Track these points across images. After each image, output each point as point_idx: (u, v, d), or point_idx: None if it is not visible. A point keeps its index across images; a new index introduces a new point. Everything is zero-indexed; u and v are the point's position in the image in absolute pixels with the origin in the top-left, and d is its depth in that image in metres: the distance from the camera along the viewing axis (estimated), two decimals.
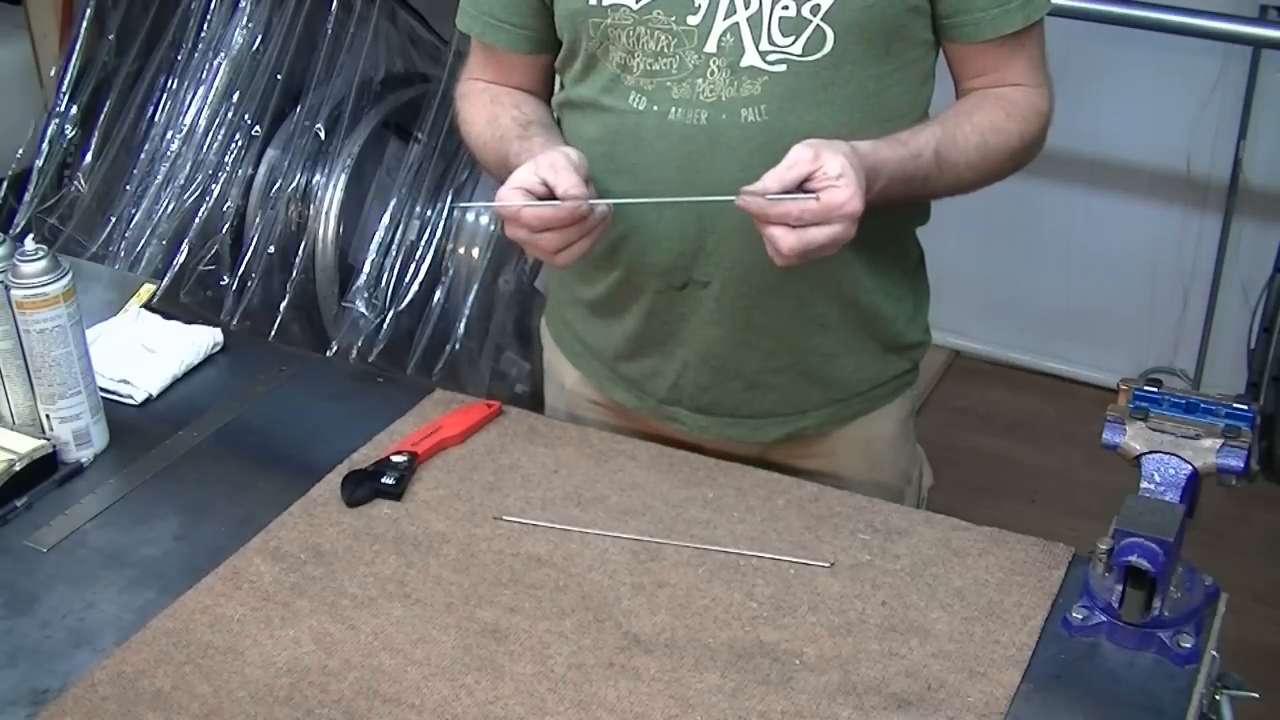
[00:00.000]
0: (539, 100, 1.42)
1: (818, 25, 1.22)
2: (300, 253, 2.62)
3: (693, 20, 1.24)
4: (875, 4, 1.22)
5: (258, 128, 2.68)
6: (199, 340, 1.46)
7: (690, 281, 1.32)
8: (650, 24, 1.26)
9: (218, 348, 1.47)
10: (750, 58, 1.23)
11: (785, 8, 1.22)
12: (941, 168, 1.25)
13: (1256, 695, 1.07)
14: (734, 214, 1.20)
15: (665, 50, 1.26)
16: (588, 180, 1.20)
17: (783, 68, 1.23)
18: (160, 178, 2.70)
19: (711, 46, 1.24)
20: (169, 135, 2.72)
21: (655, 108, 1.27)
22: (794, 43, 1.22)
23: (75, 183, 2.80)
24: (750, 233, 1.23)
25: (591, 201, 1.18)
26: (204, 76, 2.71)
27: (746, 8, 1.23)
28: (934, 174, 1.25)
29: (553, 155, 1.19)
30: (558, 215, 1.16)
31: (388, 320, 2.53)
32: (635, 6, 1.25)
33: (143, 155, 2.74)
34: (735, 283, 1.31)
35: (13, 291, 1.23)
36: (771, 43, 1.23)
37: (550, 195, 1.17)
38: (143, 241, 2.68)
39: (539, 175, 1.17)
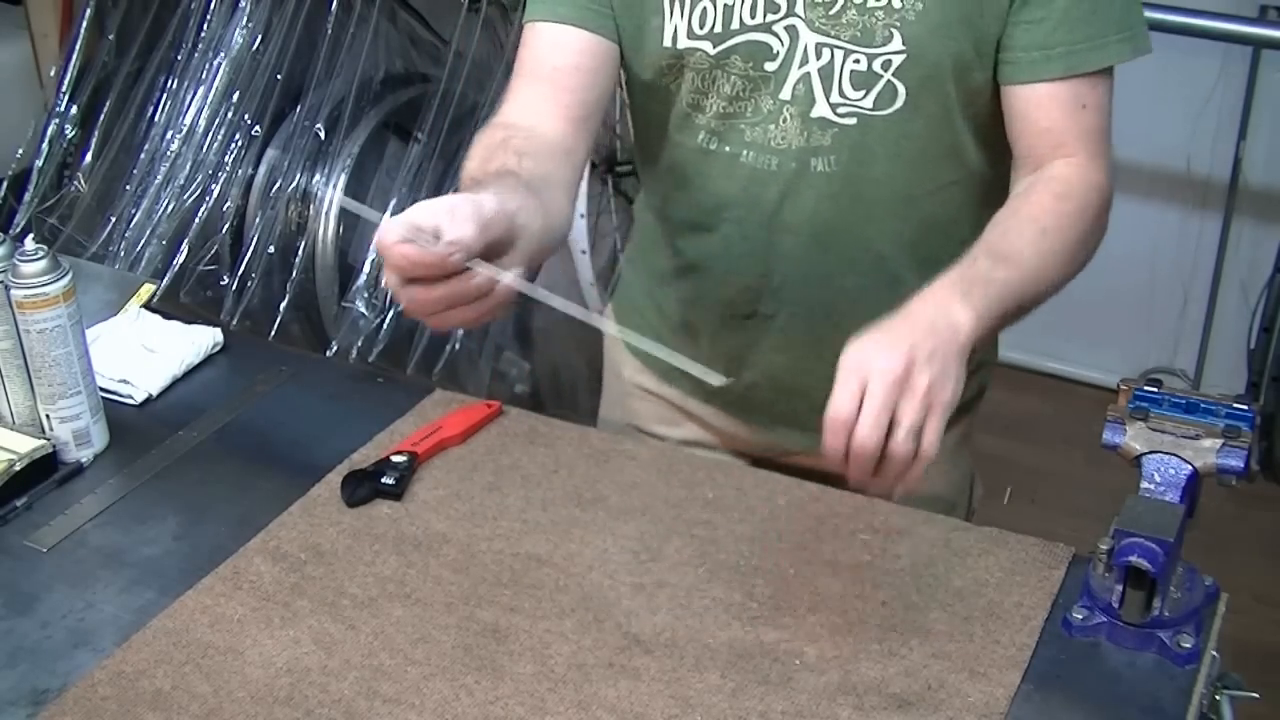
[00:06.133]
0: (565, 154, 1.23)
1: (889, 80, 1.20)
2: (300, 253, 2.63)
3: (770, 66, 1.22)
4: (944, 60, 1.19)
5: (258, 128, 2.68)
6: (199, 340, 1.46)
7: (756, 313, 1.33)
8: (727, 68, 1.24)
9: (218, 348, 1.47)
10: (820, 109, 1.22)
11: (857, 61, 1.20)
12: (1010, 265, 1.13)
13: (1256, 695, 1.07)
14: (799, 253, 1.22)
15: (741, 94, 1.24)
16: (508, 243, 1.00)
17: (853, 120, 1.22)
18: (160, 178, 2.71)
19: (786, 94, 1.22)
20: (169, 135, 2.72)
21: (727, 149, 1.26)
22: (864, 97, 1.21)
23: (75, 183, 2.80)
24: (814, 271, 1.26)
25: (475, 263, 0.95)
26: (204, 76, 2.72)
27: (819, 58, 1.20)
28: (1007, 277, 1.12)
29: (456, 198, 0.98)
30: (425, 261, 0.93)
31: (388, 320, 2.53)
32: (712, 51, 1.23)
33: (143, 155, 2.74)
34: (801, 317, 1.32)
35: (13, 291, 1.23)
36: (842, 95, 1.21)
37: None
38: (143, 241, 2.68)
39: (434, 219, 0.94)
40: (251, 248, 2.64)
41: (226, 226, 2.67)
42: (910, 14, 1.18)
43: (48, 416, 1.28)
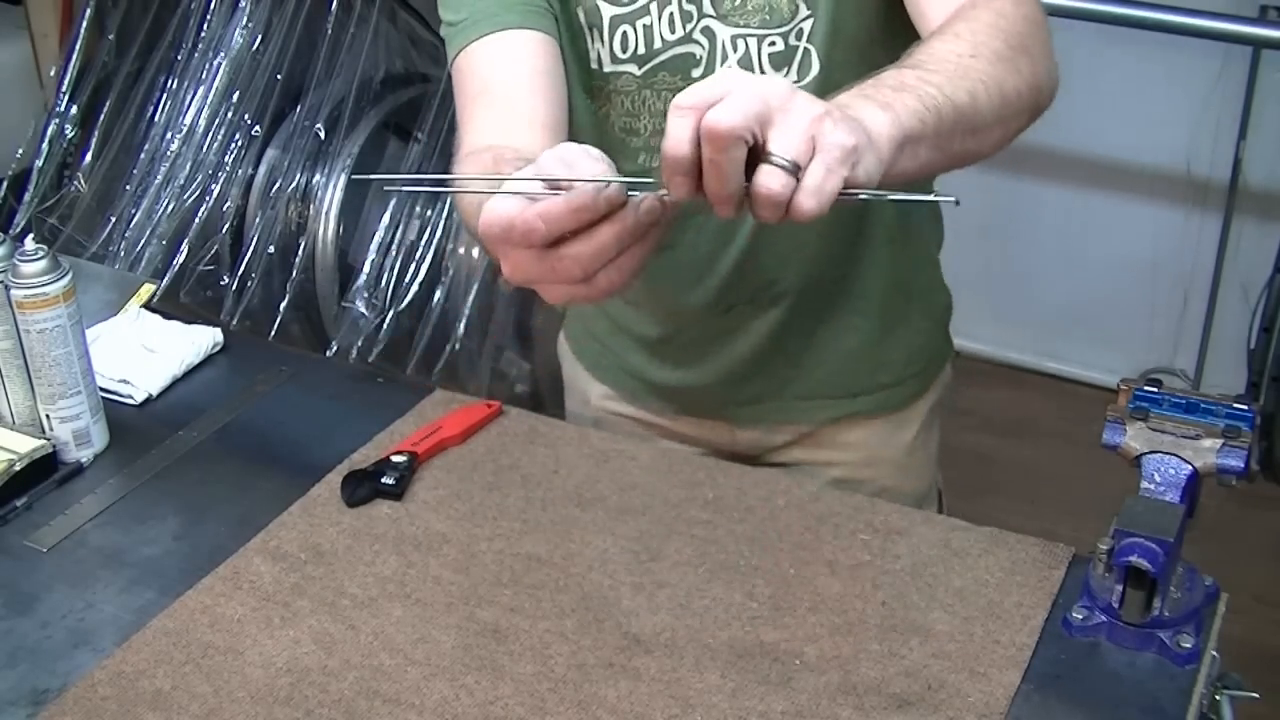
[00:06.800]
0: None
1: (804, 49, 1.20)
2: (300, 253, 2.63)
3: (696, 73, 1.21)
4: (845, 7, 1.18)
5: (258, 128, 2.69)
6: (199, 340, 1.46)
7: (732, 305, 1.33)
8: (655, 86, 1.23)
9: (218, 348, 1.47)
10: None
11: (772, 44, 1.19)
12: (930, 69, 0.95)
13: (1256, 695, 1.07)
14: (760, 244, 1.19)
15: None
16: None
17: None
18: (160, 178, 2.71)
19: None
20: (169, 135, 2.73)
21: None
22: (787, 73, 1.21)
23: (75, 183, 2.80)
24: (778, 257, 1.25)
25: (616, 180, 0.80)
26: (204, 76, 2.72)
27: (735, 51, 1.20)
28: (937, 101, 0.92)
29: (560, 148, 0.85)
30: (578, 203, 0.79)
31: (388, 320, 2.53)
32: (639, 72, 1.22)
33: (143, 155, 2.74)
34: (768, 307, 1.33)
35: (13, 291, 1.23)
36: None
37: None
38: (143, 241, 2.69)
39: (541, 172, 0.83)
40: (251, 248, 2.64)
41: (226, 226, 2.67)
42: None
43: (48, 416, 1.28)
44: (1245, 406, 1.10)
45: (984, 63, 0.98)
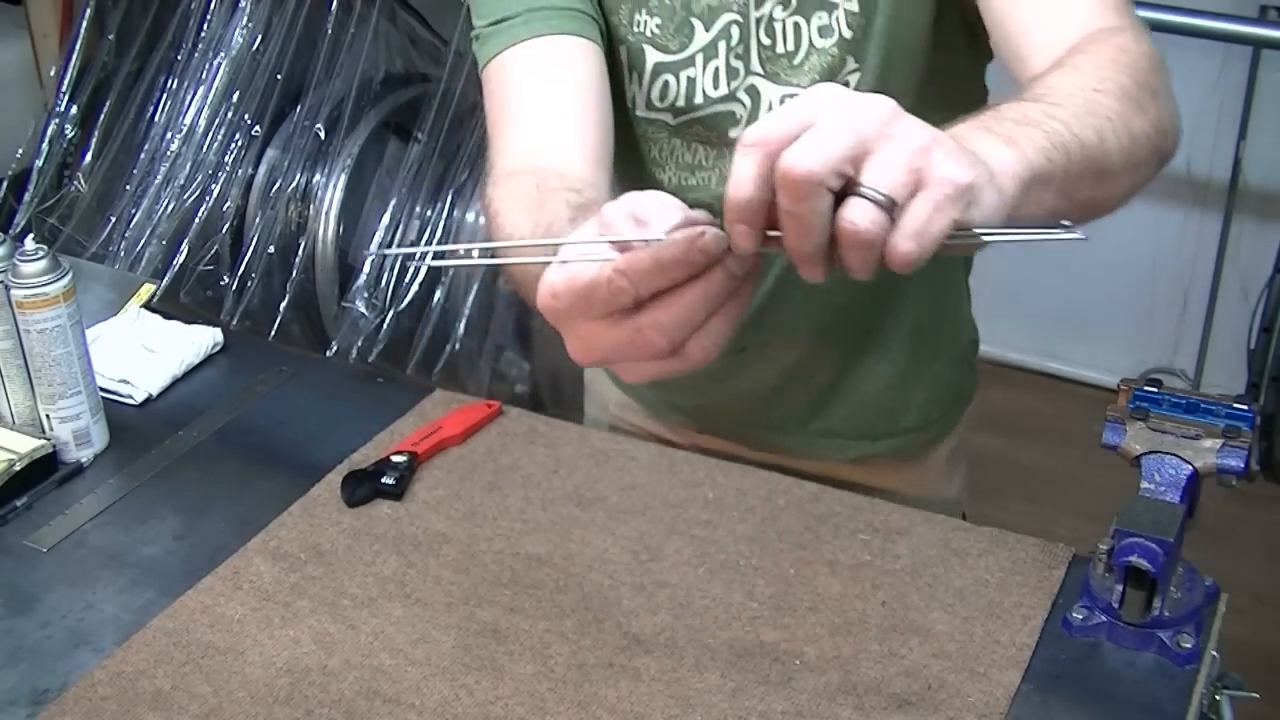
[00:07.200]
0: (606, 180, 1.04)
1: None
2: (300, 253, 2.63)
3: (734, 133, 1.13)
4: (899, 32, 1.07)
5: (258, 128, 2.69)
6: (199, 340, 1.46)
7: (746, 346, 1.28)
8: (687, 137, 1.15)
9: (218, 348, 1.47)
10: None
11: None
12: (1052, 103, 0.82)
13: (1256, 695, 1.07)
14: (797, 282, 1.07)
15: (703, 164, 1.16)
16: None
17: None
18: (160, 178, 2.71)
19: None
20: (169, 135, 2.73)
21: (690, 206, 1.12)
22: None
23: (75, 183, 2.81)
24: (802, 295, 1.18)
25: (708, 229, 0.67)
26: (204, 76, 2.72)
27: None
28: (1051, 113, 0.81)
29: (629, 200, 0.71)
30: (673, 258, 0.66)
31: (388, 320, 2.53)
32: (673, 122, 1.14)
33: (143, 155, 2.75)
34: (790, 337, 1.29)
35: (13, 291, 1.23)
36: None
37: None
38: (143, 241, 2.69)
39: (610, 231, 0.69)
40: (251, 248, 2.64)
41: (226, 226, 2.67)
42: (857, 31, 1.09)
43: (48, 416, 1.28)
44: (1245, 406, 1.10)
45: (1110, 99, 0.86)
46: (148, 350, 1.44)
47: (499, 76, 1.09)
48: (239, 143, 2.69)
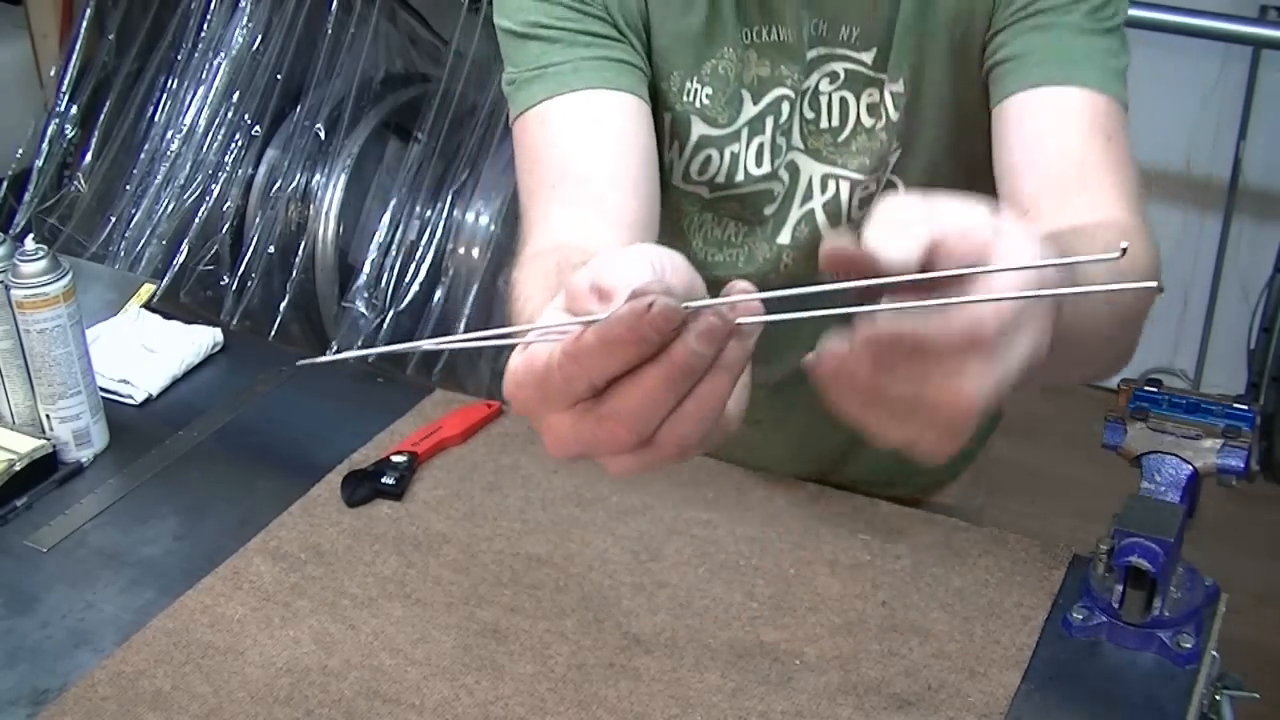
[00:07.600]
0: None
1: (888, 180, 1.07)
2: (300, 253, 2.63)
3: (768, 210, 1.08)
4: (934, 137, 1.03)
5: (258, 128, 2.69)
6: (199, 340, 1.46)
7: (761, 420, 1.16)
8: (721, 212, 1.09)
9: (218, 348, 1.47)
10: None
11: (867, 189, 1.04)
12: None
13: (1256, 695, 1.07)
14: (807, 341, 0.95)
15: (732, 240, 1.11)
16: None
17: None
18: (160, 178, 2.71)
19: (785, 237, 1.08)
20: (169, 135, 2.73)
21: (718, 277, 1.04)
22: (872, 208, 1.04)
23: (75, 183, 2.81)
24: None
25: (692, 304, 0.54)
26: (204, 76, 2.72)
27: (824, 192, 1.05)
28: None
29: (599, 261, 0.57)
30: (615, 336, 0.53)
31: (388, 320, 2.53)
32: (708, 196, 1.08)
33: (143, 155, 2.75)
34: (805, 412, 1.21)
35: (13, 291, 1.23)
36: (850, 220, 1.05)
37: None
38: (143, 241, 2.69)
39: (579, 293, 0.56)
40: (251, 248, 2.64)
41: (226, 226, 2.67)
42: (899, 113, 1.03)
43: (48, 416, 1.28)
44: (1245, 406, 1.10)
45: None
46: (148, 350, 1.44)
47: (537, 132, 0.99)
48: (239, 143, 2.69)
